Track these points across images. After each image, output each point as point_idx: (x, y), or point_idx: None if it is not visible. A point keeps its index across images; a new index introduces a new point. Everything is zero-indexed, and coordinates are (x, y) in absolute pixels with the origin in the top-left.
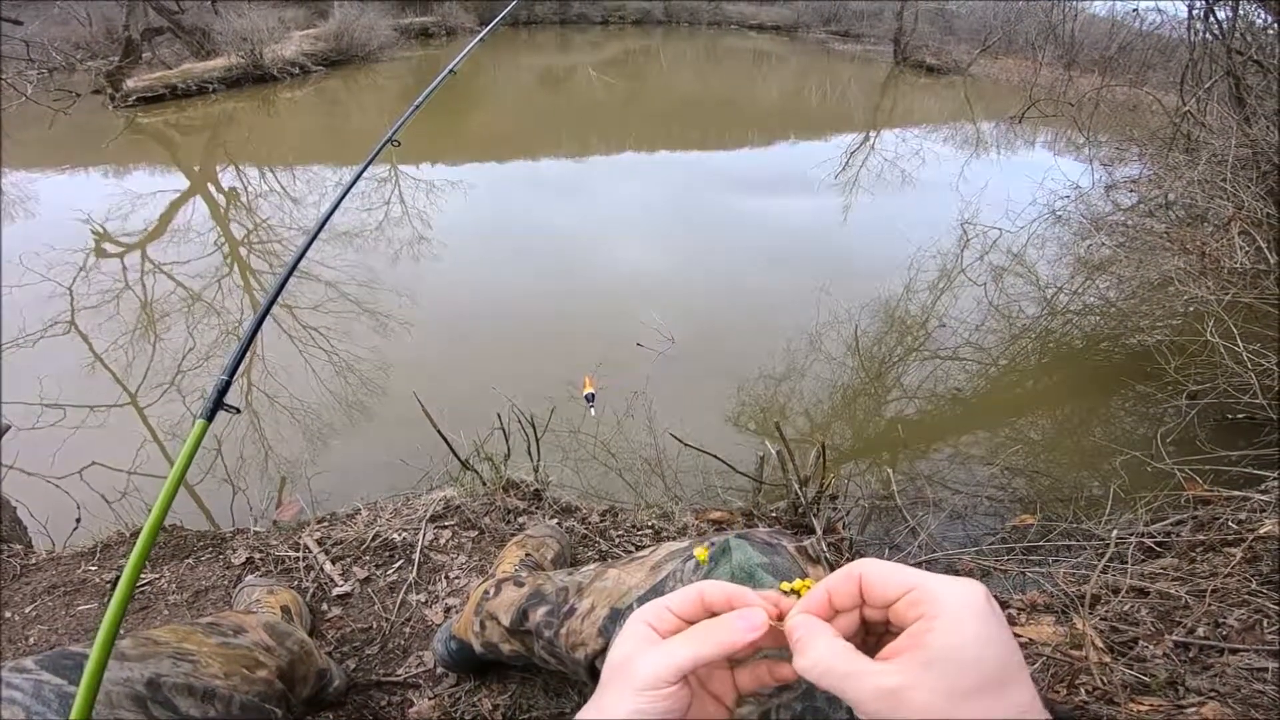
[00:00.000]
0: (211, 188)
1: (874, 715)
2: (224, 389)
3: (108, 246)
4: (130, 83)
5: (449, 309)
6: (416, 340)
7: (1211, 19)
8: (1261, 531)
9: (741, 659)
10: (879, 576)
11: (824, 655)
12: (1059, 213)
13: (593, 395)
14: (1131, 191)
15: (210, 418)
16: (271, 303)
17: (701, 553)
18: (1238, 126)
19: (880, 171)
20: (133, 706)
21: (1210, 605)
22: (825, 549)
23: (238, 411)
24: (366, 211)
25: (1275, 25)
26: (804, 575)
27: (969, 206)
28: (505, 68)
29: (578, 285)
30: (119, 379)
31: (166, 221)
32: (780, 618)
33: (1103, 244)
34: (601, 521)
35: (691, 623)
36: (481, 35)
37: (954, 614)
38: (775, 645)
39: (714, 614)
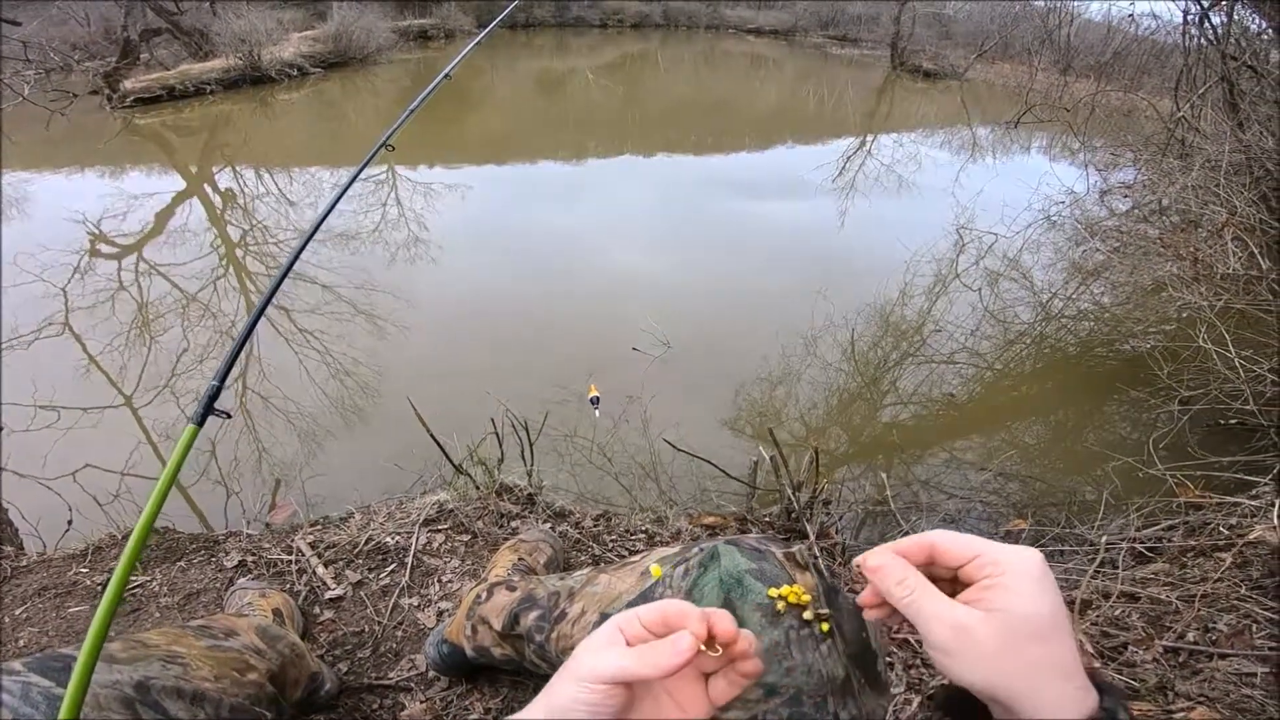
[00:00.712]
0: (208, 189)
1: (943, 645)
2: (215, 394)
3: (103, 247)
4: (128, 84)
5: (445, 311)
6: (412, 343)
7: (1206, 24)
8: (1251, 537)
9: (712, 670)
10: (952, 543)
11: (917, 586)
12: (1054, 218)
13: (597, 399)
14: (1126, 197)
15: (201, 423)
16: (263, 307)
17: (655, 570)
18: (1231, 132)
19: (877, 176)
20: (121, 709)
21: (1200, 610)
22: (818, 554)
23: (228, 417)
24: (363, 214)
25: (1270, 30)
26: (791, 581)
27: (964, 211)
28: (503, 71)
29: (574, 288)
30: (113, 381)
31: (162, 223)
32: (711, 638)
33: (1097, 249)
34: (595, 526)
35: (656, 636)
36: (477, 40)
37: (1016, 576)
38: (715, 668)
39: (672, 630)
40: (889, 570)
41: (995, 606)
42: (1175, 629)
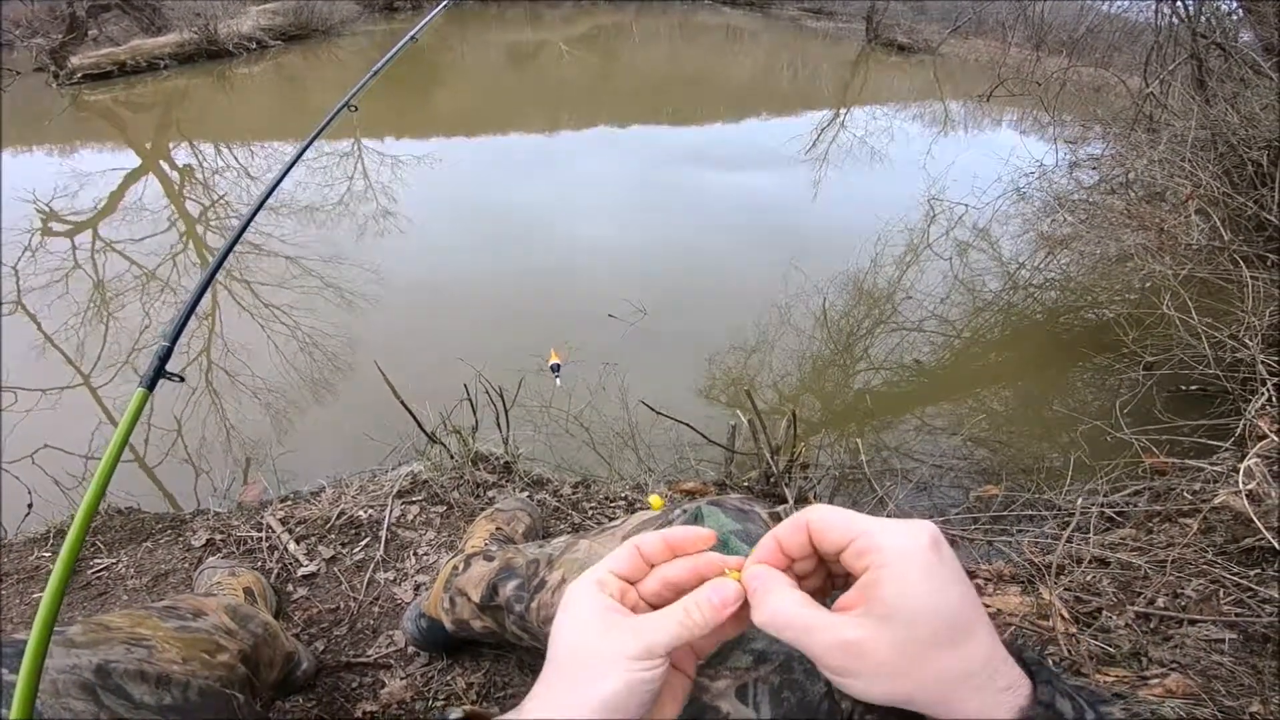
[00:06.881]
0: (165, 165)
1: (835, 667)
2: (165, 356)
3: (55, 225)
4: (75, 60)
5: (416, 283)
6: (382, 315)
7: (1177, 3)
8: (1216, 502)
9: None
10: (825, 524)
11: (782, 607)
12: (1023, 190)
13: (558, 366)
14: (1094, 170)
15: (151, 386)
16: (217, 266)
17: (656, 501)
18: (1198, 108)
19: (850, 148)
20: (81, 694)
21: (1169, 576)
22: None
23: (181, 379)
24: (329, 186)
25: (1239, 10)
26: None
27: (936, 183)
28: (473, 43)
29: (547, 258)
30: (70, 360)
31: (117, 200)
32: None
33: (1065, 220)
34: (574, 494)
35: (635, 582)
36: (446, 3)
37: (899, 564)
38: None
39: (654, 566)
40: (751, 592)
41: (883, 608)
42: (1146, 594)
